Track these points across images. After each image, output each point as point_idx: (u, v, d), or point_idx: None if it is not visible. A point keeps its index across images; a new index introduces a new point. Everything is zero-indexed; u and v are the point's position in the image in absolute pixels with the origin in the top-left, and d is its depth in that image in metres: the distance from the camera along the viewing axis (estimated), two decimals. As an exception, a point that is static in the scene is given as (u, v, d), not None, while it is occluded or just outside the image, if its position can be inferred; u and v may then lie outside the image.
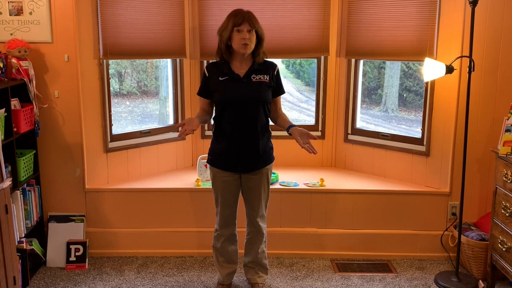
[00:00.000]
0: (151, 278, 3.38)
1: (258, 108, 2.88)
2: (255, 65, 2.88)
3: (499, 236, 3.04)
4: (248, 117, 2.86)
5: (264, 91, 2.89)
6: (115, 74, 4.35)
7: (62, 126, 3.53)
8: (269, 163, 3.00)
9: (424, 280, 3.37)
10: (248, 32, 2.77)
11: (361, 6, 3.83)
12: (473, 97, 3.34)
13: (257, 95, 2.86)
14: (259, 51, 2.87)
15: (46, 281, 3.33)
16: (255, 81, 2.87)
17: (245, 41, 2.77)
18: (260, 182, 2.98)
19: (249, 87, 2.86)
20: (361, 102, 4.16)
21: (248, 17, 2.79)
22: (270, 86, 2.91)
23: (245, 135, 2.88)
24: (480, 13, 3.31)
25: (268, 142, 2.99)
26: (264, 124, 2.94)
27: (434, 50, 3.53)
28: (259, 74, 2.89)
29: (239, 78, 2.86)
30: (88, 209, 3.65)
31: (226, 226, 3.08)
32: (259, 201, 3.01)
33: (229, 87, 2.87)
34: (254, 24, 2.79)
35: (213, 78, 2.90)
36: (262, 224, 3.08)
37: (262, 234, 3.10)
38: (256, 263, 3.18)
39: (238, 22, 2.77)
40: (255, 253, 3.14)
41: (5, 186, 2.59)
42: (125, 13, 3.59)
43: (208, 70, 2.94)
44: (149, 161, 3.95)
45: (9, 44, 3.26)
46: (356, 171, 4.08)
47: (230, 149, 2.90)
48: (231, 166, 2.93)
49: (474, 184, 3.59)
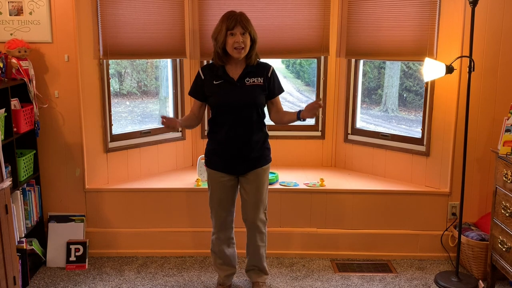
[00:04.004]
0: (151, 278, 3.38)
1: (252, 111, 2.86)
2: (248, 67, 2.86)
3: (499, 236, 3.04)
4: (242, 120, 2.85)
5: (258, 94, 2.86)
6: (115, 74, 4.35)
7: (62, 126, 3.53)
8: (264, 164, 2.97)
9: (424, 280, 3.37)
10: (241, 35, 2.74)
11: (361, 6, 3.83)
12: (473, 97, 3.34)
13: (251, 99, 2.84)
14: (251, 53, 2.83)
15: (46, 281, 3.33)
16: (249, 85, 2.85)
17: (238, 44, 2.74)
18: (257, 184, 2.96)
19: (243, 91, 2.84)
20: (361, 102, 4.16)
21: (240, 19, 2.75)
22: (264, 88, 2.88)
23: (239, 138, 2.87)
24: (480, 13, 3.31)
25: (264, 143, 2.97)
26: (259, 126, 2.91)
27: (434, 50, 3.53)
28: (252, 77, 2.86)
29: (233, 82, 2.85)
30: (88, 209, 3.65)
31: (223, 229, 3.07)
32: (255, 202, 2.99)
33: (223, 91, 2.85)
34: (247, 27, 2.76)
35: (208, 82, 2.89)
36: (260, 226, 3.05)
37: (261, 237, 3.08)
38: (256, 265, 3.18)
39: (231, 25, 2.74)
40: (255, 256, 3.13)
41: (5, 186, 2.59)
42: (125, 13, 3.59)
43: (204, 72, 2.92)
44: (149, 161, 3.95)
45: (9, 44, 3.26)
46: (356, 171, 4.08)
47: (224, 150, 2.91)
48: (226, 167, 2.93)
49: (474, 184, 3.59)
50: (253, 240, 3.09)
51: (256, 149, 2.91)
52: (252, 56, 2.85)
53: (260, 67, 2.91)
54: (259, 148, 2.93)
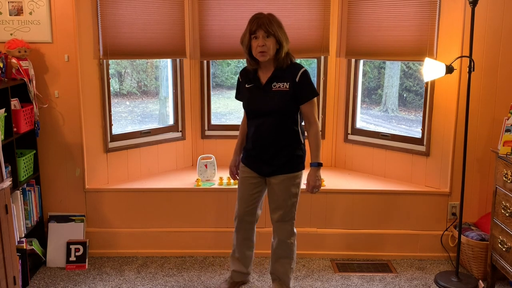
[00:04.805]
0: (151, 278, 3.38)
1: (278, 117, 2.78)
2: (277, 71, 2.76)
3: (499, 236, 3.04)
4: (267, 126, 2.80)
5: (283, 101, 2.74)
6: (115, 74, 4.35)
7: (62, 126, 3.53)
8: (290, 171, 2.84)
9: (424, 280, 3.37)
10: (264, 39, 2.68)
11: (361, 6, 3.83)
12: (473, 97, 3.34)
13: (274, 106, 2.76)
14: (278, 56, 2.72)
15: (46, 281, 3.33)
16: (275, 90, 2.75)
17: (261, 48, 2.68)
18: (281, 188, 2.86)
19: (268, 97, 2.77)
20: (361, 102, 4.16)
21: (263, 22, 2.67)
22: (291, 94, 2.74)
23: (264, 143, 2.84)
24: (480, 13, 3.30)
25: (295, 151, 2.83)
26: (289, 133, 2.80)
27: (434, 50, 3.53)
28: (279, 82, 2.75)
29: (261, 87, 2.80)
30: (88, 209, 3.65)
31: (241, 228, 3.03)
32: (275, 208, 2.91)
33: (251, 96, 2.84)
34: (270, 30, 2.67)
35: (242, 84, 2.91)
36: (283, 233, 2.92)
37: (284, 245, 2.94)
38: (277, 276, 3.03)
39: (253, 29, 2.69)
40: (277, 265, 3.01)
41: (5, 186, 2.59)
42: (125, 13, 3.59)
43: (241, 75, 2.94)
44: (149, 161, 3.95)
45: (9, 44, 3.26)
46: (356, 171, 4.08)
47: (253, 150, 2.90)
48: (252, 165, 2.93)
49: (474, 184, 3.59)
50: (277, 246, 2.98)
51: (281, 155, 2.81)
52: (279, 59, 2.73)
53: (289, 71, 2.76)
54: (286, 155, 2.81)
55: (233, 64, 5.31)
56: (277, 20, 2.74)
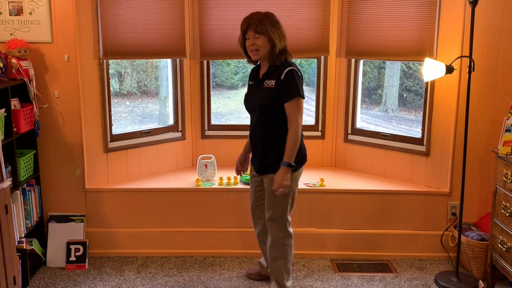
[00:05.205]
0: (151, 278, 3.38)
1: (267, 114, 2.79)
2: (269, 69, 2.80)
3: (499, 236, 3.04)
4: (259, 123, 2.84)
5: (268, 98, 2.76)
6: (115, 74, 4.35)
7: (62, 126, 3.53)
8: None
9: (424, 280, 3.37)
10: (254, 38, 2.71)
11: (361, 6, 3.83)
12: (473, 97, 3.34)
13: (261, 103, 2.79)
14: (271, 54, 2.75)
15: (46, 281, 3.33)
16: (265, 87, 2.79)
17: (251, 47, 2.74)
18: (269, 188, 2.85)
19: (258, 94, 2.83)
20: (361, 102, 4.16)
21: (251, 22, 2.70)
22: (275, 91, 2.74)
23: (257, 140, 2.88)
24: (480, 13, 3.30)
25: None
26: (275, 131, 2.79)
27: (434, 50, 3.53)
28: (269, 79, 2.77)
29: (256, 83, 2.87)
30: (88, 209, 3.65)
31: (254, 222, 3.15)
32: (268, 206, 2.92)
33: (248, 92, 2.97)
34: (259, 29, 2.68)
35: (249, 81, 2.99)
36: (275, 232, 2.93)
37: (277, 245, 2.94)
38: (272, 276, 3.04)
39: (243, 28, 2.75)
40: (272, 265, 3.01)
41: (5, 186, 2.59)
42: (125, 13, 3.59)
43: (251, 72, 3.00)
44: (149, 161, 3.95)
45: (9, 44, 3.26)
46: (356, 171, 4.08)
47: (251, 147, 3.00)
48: (253, 163, 3.00)
49: (474, 184, 3.59)
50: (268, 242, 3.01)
51: (271, 154, 2.82)
52: (272, 57, 2.76)
53: (279, 69, 2.75)
54: (275, 154, 2.79)
55: (233, 64, 5.30)
56: (271, 19, 2.74)
